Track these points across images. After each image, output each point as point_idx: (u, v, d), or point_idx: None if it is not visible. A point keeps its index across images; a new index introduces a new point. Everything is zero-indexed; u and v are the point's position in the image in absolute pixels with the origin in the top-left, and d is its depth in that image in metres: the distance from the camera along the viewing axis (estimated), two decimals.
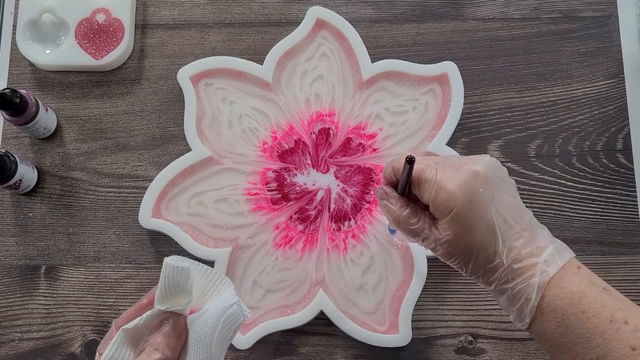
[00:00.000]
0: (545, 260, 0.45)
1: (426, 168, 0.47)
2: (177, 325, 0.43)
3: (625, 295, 0.67)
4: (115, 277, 0.68)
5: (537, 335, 0.46)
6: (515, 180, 0.69)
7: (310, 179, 0.68)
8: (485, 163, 0.47)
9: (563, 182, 0.69)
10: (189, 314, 0.44)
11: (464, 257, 0.46)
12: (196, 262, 0.45)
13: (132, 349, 0.43)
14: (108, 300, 0.67)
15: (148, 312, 0.43)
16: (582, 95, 0.72)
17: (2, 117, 0.70)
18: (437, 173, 0.46)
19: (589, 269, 0.68)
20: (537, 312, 0.45)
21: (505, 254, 0.45)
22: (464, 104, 0.69)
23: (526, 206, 0.68)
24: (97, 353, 0.44)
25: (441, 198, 0.45)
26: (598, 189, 0.69)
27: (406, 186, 0.49)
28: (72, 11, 0.72)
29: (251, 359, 0.65)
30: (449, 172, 0.46)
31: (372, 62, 0.70)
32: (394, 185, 0.51)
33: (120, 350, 0.43)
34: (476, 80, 0.72)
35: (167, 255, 0.43)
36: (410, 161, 0.45)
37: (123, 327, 0.43)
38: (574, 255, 0.46)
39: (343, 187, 0.67)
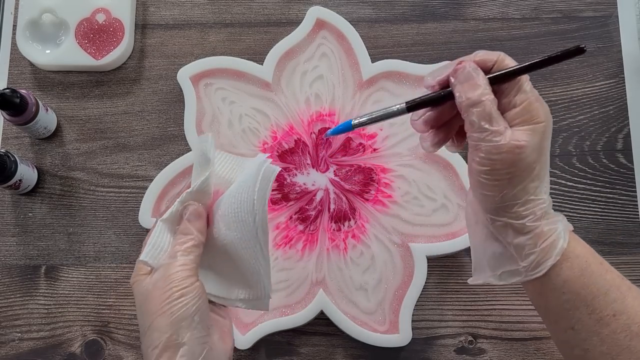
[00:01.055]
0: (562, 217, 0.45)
1: (526, 80, 0.44)
2: (195, 210, 0.48)
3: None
4: (115, 277, 0.68)
5: (552, 288, 0.43)
6: None
7: (310, 179, 0.68)
8: None
9: (563, 182, 0.69)
10: (216, 198, 0.50)
11: (513, 177, 0.43)
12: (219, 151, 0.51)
13: (172, 235, 0.48)
14: (108, 300, 0.67)
15: (177, 200, 0.48)
16: (582, 95, 0.72)
17: (2, 117, 0.70)
18: (533, 91, 0.44)
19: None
20: (561, 257, 0.43)
21: (547, 194, 0.44)
22: None
23: None
24: (142, 245, 0.48)
25: (539, 105, 0.43)
26: (598, 189, 0.69)
27: (500, 80, 0.44)
28: (72, 11, 0.72)
29: (251, 359, 0.65)
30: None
31: (372, 62, 0.70)
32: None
33: (161, 237, 0.48)
34: None
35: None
36: (582, 50, 0.44)
37: (160, 219, 0.48)
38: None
39: (341, 186, 0.67)
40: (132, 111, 0.72)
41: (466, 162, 0.67)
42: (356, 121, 0.50)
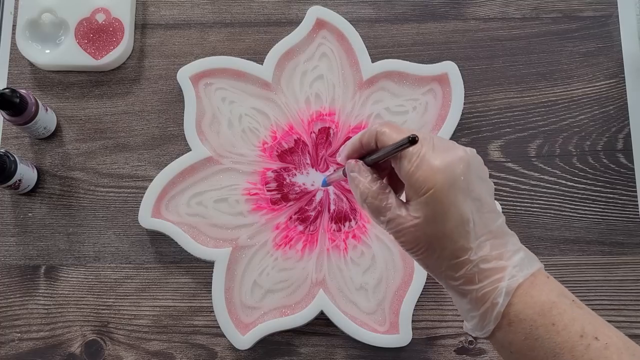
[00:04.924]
0: (515, 265, 0.41)
1: (405, 156, 0.43)
2: None
3: (625, 296, 0.67)
4: (115, 277, 0.68)
5: (501, 346, 0.42)
6: (515, 180, 0.69)
7: (309, 178, 0.68)
8: (473, 154, 0.43)
9: (563, 182, 0.69)
10: None
11: (429, 247, 0.42)
12: None
13: None
14: (108, 300, 0.67)
15: None
16: (582, 95, 0.72)
17: (2, 117, 0.70)
18: (422, 148, 0.42)
19: (589, 269, 0.68)
20: (503, 320, 0.41)
21: (475, 251, 0.41)
22: (464, 104, 0.69)
23: (526, 206, 0.69)
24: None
25: (421, 174, 0.41)
26: (598, 189, 0.69)
27: (382, 159, 0.45)
28: (72, 11, 0.72)
29: (251, 359, 0.65)
30: (435, 151, 0.42)
31: (372, 62, 0.70)
32: (363, 153, 0.46)
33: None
34: (476, 80, 0.72)
35: (167, 256, 0.43)
36: (413, 141, 0.40)
37: None
38: (543, 266, 0.43)
39: (342, 186, 0.67)
40: (132, 111, 0.72)
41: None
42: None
